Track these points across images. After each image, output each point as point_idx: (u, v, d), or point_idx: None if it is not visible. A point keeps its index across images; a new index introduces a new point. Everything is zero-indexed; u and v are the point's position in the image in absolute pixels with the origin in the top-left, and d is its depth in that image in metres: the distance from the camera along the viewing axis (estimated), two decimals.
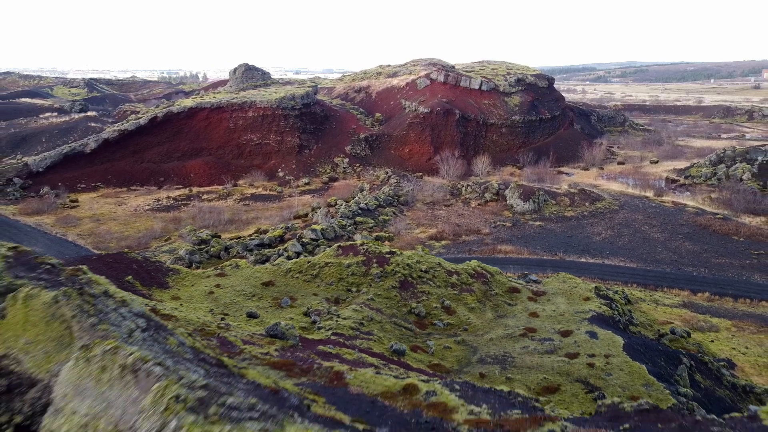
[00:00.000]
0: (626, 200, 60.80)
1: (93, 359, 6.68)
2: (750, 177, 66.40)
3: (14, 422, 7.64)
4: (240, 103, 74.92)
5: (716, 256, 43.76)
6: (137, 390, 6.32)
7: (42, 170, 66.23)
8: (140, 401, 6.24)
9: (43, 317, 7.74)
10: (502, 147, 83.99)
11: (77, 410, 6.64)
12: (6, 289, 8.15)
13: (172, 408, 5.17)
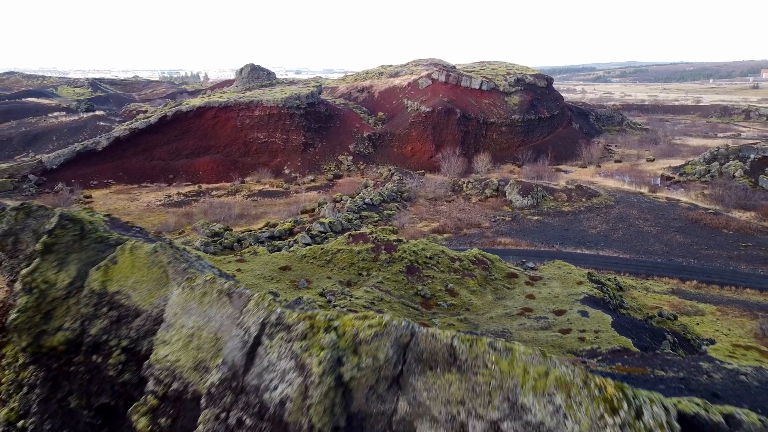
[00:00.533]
0: (622, 196, 63.10)
1: (196, 287, 8.96)
2: (742, 174, 68.68)
3: (121, 345, 9.94)
4: (247, 103, 77.21)
5: (706, 248, 46.05)
6: (232, 307, 8.59)
7: (56, 167, 68.51)
8: (236, 315, 8.50)
9: (146, 263, 10.03)
10: (501, 145, 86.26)
11: (185, 324, 8.88)
12: (115, 242, 10.46)
13: (273, 305, 7.40)
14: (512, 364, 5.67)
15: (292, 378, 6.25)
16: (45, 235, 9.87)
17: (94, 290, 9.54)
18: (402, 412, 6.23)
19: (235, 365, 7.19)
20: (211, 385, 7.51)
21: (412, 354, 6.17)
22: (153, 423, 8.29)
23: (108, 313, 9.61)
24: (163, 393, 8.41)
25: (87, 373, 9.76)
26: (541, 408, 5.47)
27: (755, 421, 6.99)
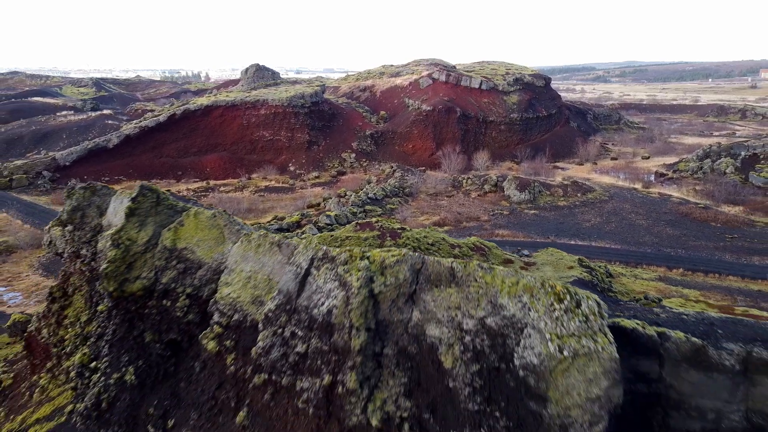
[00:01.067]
0: (616, 192, 65.53)
1: (252, 240, 11.51)
2: (733, 170, 71.10)
3: (186, 292, 12.49)
4: (253, 102, 79.63)
5: (693, 239, 48.50)
6: (281, 255, 11.11)
7: (68, 164, 70.96)
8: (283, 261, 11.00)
9: (207, 225, 12.55)
10: (500, 143, 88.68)
11: (243, 269, 11.45)
12: (181, 209, 12.94)
13: (319, 246, 9.89)
14: (494, 278, 8.17)
15: (336, 293, 8.75)
16: (129, 201, 12.33)
17: (166, 247, 12.04)
18: (415, 320, 8.72)
19: (289, 293, 9.70)
20: (268, 311, 9.99)
21: (423, 276, 8.69)
22: (220, 345, 10.76)
23: (176, 265, 12.11)
24: (227, 323, 10.89)
25: (158, 315, 12.24)
26: (513, 305, 7.96)
27: (681, 337, 9.68)
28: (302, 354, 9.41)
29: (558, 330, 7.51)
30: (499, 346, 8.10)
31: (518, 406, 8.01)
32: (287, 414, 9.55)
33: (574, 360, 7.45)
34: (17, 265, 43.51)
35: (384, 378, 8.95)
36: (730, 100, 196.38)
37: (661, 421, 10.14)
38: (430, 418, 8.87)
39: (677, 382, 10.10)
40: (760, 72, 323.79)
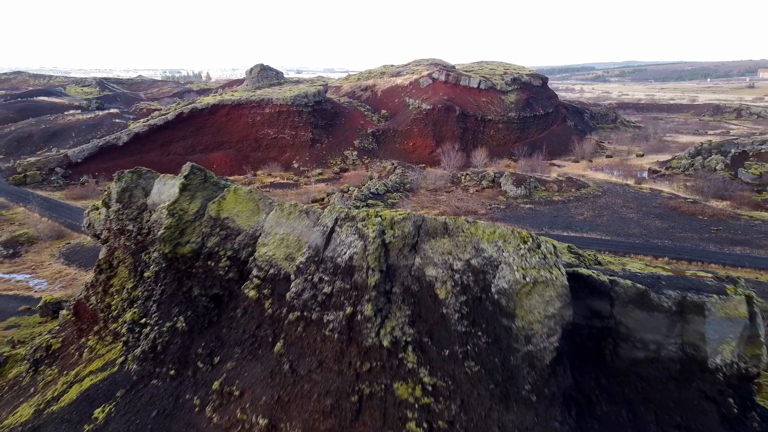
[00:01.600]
0: (609, 187, 68.17)
1: (284, 209, 14.16)
2: (723, 167, 73.73)
3: (227, 254, 15.14)
4: (258, 101, 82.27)
5: (680, 231, 51.14)
6: (309, 220, 13.76)
7: (80, 161, 73.58)
8: (310, 225, 13.62)
9: (245, 198, 15.19)
10: (498, 141, 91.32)
11: (277, 232, 14.11)
12: (223, 186, 15.56)
13: (341, 209, 12.51)
14: (477, 229, 10.85)
15: (356, 243, 11.42)
16: (182, 178, 14.95)
17: (211, 216, 14.70)
18: (417, 264, 11.41)
19: (317, 247, 12.38)
20: (299, 263, 12.68)
21: (423, 230, 11.38)
22: (259, 293, 13.47)
23: (220, 232, 14.80)
24: (264, 276, 13.59)
25: (204, 273, 14.95)
26: (491, 248, 10.67)
27: (628, 283, 12.44)
28: (328, 294, 12.03)
29: (523, 264, 10.11)
30: (480, 280, 10.72)
31: (495, 324, 10.65)
32: (316, 341, 12.19)
33: (535, 285, 10.07)
34: (39, 254, 46.12)
35: (392, 310, 11.59)
36: (728, 100, 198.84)
37: (612, 350, 12.78)
38: (428, 341, 11.52)
39: (625, 319, 12.74)
40: (758, 72, 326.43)
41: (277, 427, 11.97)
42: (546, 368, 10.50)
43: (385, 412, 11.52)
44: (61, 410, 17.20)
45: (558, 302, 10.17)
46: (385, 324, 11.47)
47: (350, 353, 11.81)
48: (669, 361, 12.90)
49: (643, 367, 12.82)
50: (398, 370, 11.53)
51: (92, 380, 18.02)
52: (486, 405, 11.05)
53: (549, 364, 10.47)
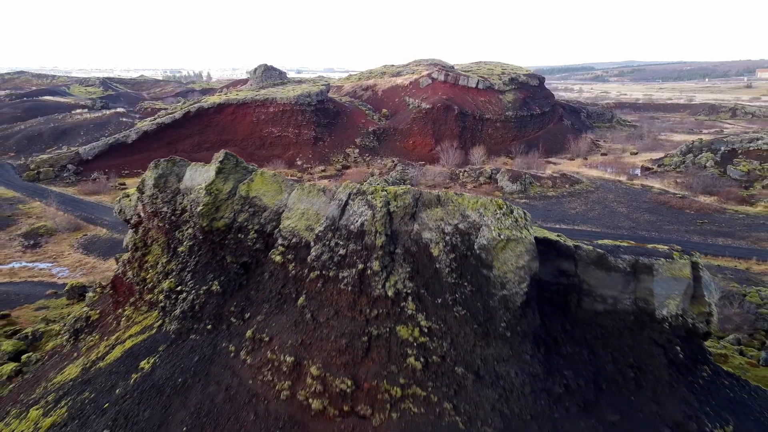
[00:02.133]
0: (602, 183, 70.94)
1: (305, 188, 16.92)
2: (713, 164, 76.51)
3: (255, 228, 17.88)
4: (262, 100, 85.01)
5: (667, 224, 53.90)
6: (325, 197, 16.51)
7: (91, 158, 76.32)
8: (327, 201, 16.37)
9: (270, 181, 17.94)
10: (496, 140, 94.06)
11: (299, 208, 16.86)
12: (252, 170, 18.30)
13: (353, 186, 15.23)
14: (463, 199, 13.62)
15: (366, 212, 14.16)
16: (218, 163, 17.67)
17: (241, 195, 17.45)
18: (416, 229, 14.17)
19: (333, 218, 15.14)
20: (318, 232, 15.44)
21: (420, 201, 14.14)
22: (283, 258, 16.24)
23: (248, 209, 17.56)
24: (288, 244, 16.34)
25: (235, 244, 17.71)
26: (474, 214, 13.44)
27: (590, 248, 15.30)
28: (343, 255, 14.76)
29: (499, 225, 12.82)
30: (466, 240, 13.45)
31: (477, 275, 13.39)
32: (333, 294, 14.92)
33: (508, 242, 12.80)
34: (59, 245, 48.85)
35: (396, 267, 14.33)
36: (725, 100, 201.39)
37: (576, 303, 15.52)
38: (424, 292, 14.27)
39: (587, 277, 15.48)
40: (756, 72, 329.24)
41: (301, 363, 14.71)
42: (518, 309, 13.25)
43: (390, 349, 14.27)
44: (107, 366, 19.92)
45: (527, 256, 12.90)
46: (390, 278, 14.21)
47: (361, 302, 14.55)
48: (624, 312, 15.64)
49: (602, 317, 15.57)
50: (400, 316, 14.28)
51: (133, 341, 20.75)
52: (471, 341, 13.81)
53: (520, 306, 13.22)
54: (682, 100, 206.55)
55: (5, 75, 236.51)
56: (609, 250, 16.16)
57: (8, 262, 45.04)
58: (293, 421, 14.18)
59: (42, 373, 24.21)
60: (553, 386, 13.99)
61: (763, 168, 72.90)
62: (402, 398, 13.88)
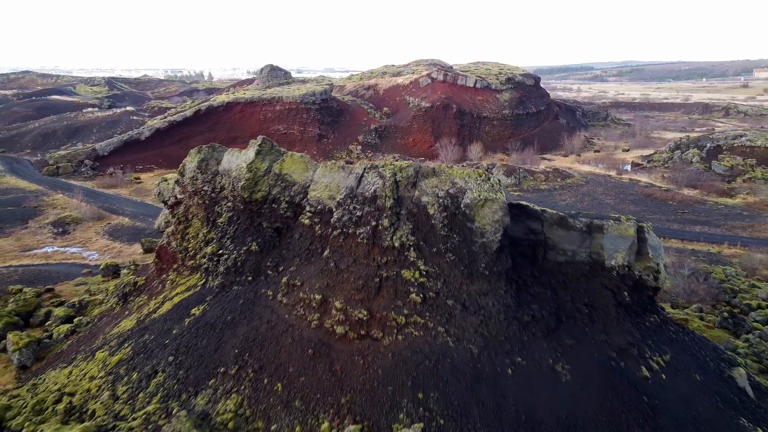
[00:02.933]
0: (592, 178, 75.21)
1: (327, 165, 21.32)
2: (699, 160, 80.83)
3: (286, 199, 22.30)
4: (269, 99, 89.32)
5: (650, 214, 58.16)
6: (344, 173, 20.94)
7: (106, 154, 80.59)
8: (346, 176, 20.74)
9: (298, 160, 22.27)
10: (493, 137, 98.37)
11: (323, 181, 21.28)
12: (283, 152, 22.59)
13: (367, 163, 19.49)
14: (453, 170, 18.02)
15: (378, 182, 18.46)
16: (257, 146, 21.92)
17: (275, 173, 21.72)
18: (416, 195, 18.53)
19: (352, 188, 19.43)
20: (339, 199, 19.77)
21: (420, 173, 18.47)
22: (311, 221, 20.54)
23: (281, 184, 21.84)
24: (314, 210, 20.63)
25: (269, 212, 22.01)
26: (461, 181, 17.89)
27: (553, 211, 19.84)
28: (360, 216, 19.02)
29: (479, 188, 17.09)
30: (454, 201, 17.72)
31: (463, 228, 17.67)
32: (351, 247, 19.18)
33: (486, 201, 17.07)
34: (86, 232, 53.09)
35: (401, 224, 18.60)
36: (720, 99, 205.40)
37: (543, 255, 19.79)
38: (423, 244, 18.54)
39: (551, 235, 19.75)
40: (753, 71, 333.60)
41: (327, 300, 18.98)
42: (494, 253, 17.53)
43: (396, 288, 18.55)
44: (161, 316, 24.17)
45: (500, 212, 17.18)
46: (396, 233, 18.49)
47: (374, 252, 18.82)
48: (580, 263, 19.92)
49: (563, 266, 19.86)
50: (404, 262, 18.56)
51: (181, 297, 25.00)
52: (459, 280, 18.10)
53: (495, 251, 17.50)
54: (678, 100, 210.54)
55: (10, 75, 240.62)
56: (569, 215, 20.45)
57: (42, 246, 49.28)
58: (321, 342, 18.46)
59: (97, 330, 28.48)
60: (522, 316, 18.27)
61: (746, 163, 77.23)
62: (405, 325, 18.15)
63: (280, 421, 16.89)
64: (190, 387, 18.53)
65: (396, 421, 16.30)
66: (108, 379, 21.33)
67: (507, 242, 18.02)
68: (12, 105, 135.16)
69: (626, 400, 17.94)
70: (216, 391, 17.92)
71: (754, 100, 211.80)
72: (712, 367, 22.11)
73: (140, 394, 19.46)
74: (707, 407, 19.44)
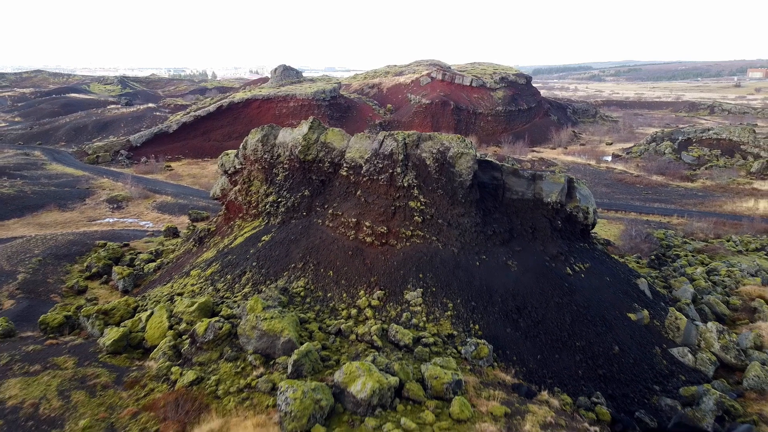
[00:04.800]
0: (574, 166, 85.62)
1: (359, 136, 32.08)
2: (671, 151, 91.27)
3: (327, 160, 33.02)
4: (284, 96, 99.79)
5: (618, 194, 68.59)
6: (370, 141, 31.63)
7: (139, 145, 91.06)
8: (371, 142, 31.37)
9: (337, 133, 33.01)
10: (488, 131, 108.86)
11: (355, 146, 32.06)
12: (324, 127, 33.14)
13: (385, 132, 29.91)
14: (442, 136, 28.80)
15: (393, 144, 29.10)
16: (309, 123, 32.36)
17: (321, 141, 32.24)
18: (419, 152, 29.34)
19: (375, 149, 30.19)
20: (367, 157, 30.58)
21: (421, 138, 29.16)
22: (347, 173, 31.30)
23: (324, 149, 32.43)
24: (349, 166, 31.39)
25: (317, 169, 32.59)
26: (447, 143, 28.70)
27: (509, 165, 30.88)
28: (380, 167, 29.38)
29: (458, 146, 27.42)
30: (443, 155, 28.09)
31: (449, 171, 28.10)
32: (375, 187, 29.57)
33: (462, 155, 27.44)
34: (137, 207, 63.50)
35: (408, 171, 29.01)
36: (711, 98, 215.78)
37: (502, 194, 30.22)
38: (422, 183, 29.03)
39: (507, 180, 30.17)
40: (747, 71, 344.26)
41: (359, 222, 29.36)
42: (467, 188, 27.92)
43: (405, 213, 28.98)
44: (237, 246, 34.51)
45: (471, 161, 27.58)
46: (405, 177, 28.89)
47: (390, 190, 29.22)
48: (527, 200, 30.30)
49: (515, 202, 30.28)
50: (410, 196, 28.97)
51: (250, 233, 35.34)
52: (445, 207, 28.52)
53: (468, 186, 27.89)
54: (669, 99, 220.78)
55: (23, 74, 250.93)
56: (519, 168, 30.87)
57: (103, 218, 59.70)
58: (357, 248, 28.87)
59: (181, 263, 38.83)
60: (487, 230, 28.68)
61: (711, 154, 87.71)
62: (411, 236, 28.55)
63: (333, 292, 27.30)
64: (271, 277, 28.93)
65: (405, 289, 26.69)
66: (207, 282, 31.67)
67: (476, 183, 28.45)
68: (38, 102, 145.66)
69: (552, 283, 28.35)
70: (290, 277, 28.32)
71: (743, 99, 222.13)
72: (622, 276, 32.59)
73: (236, 285, 29.82)
74: (610, 294, 29.90)
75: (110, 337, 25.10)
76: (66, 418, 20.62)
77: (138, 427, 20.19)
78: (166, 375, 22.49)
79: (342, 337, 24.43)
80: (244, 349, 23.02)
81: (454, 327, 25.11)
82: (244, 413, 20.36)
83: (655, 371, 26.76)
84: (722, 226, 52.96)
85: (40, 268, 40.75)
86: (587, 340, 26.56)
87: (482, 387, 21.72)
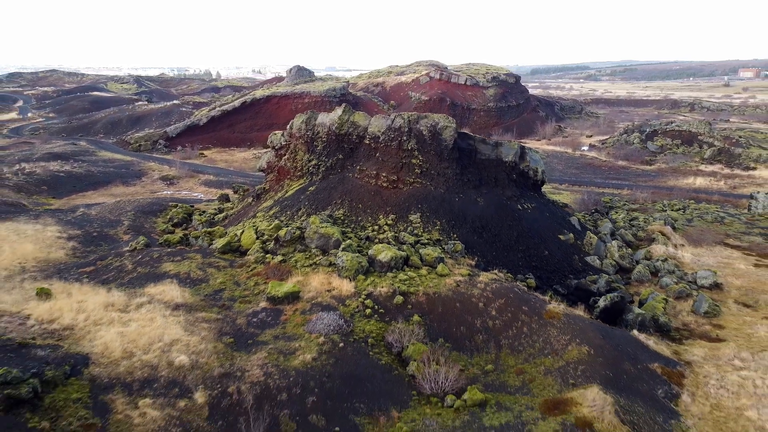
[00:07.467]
0: (553, 154, 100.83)
1: (377, 116, 47.66)
2: (638, 141, 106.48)
3: (354, 134, 48.53)
4: (299, 93, 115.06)
5: (585, 174, 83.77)
6: (384, 119, 47.16)
7: (174, 136, 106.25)
8: (386, 120, 46.84)
9: (362, 114, 48.76)
10: (480, 125, 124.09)
11: (375, 124, 47.41)
12: (353, 111, 48.47)
13: (397, 114, 44.96)
14: (434, 115, 44.36)
15: (402, 121, 44.70)
16: (342, 107, 47.62)
17: (351, 120, 47.71)
18: (419, 126, 44.99)
19: (389, 125, 45.78)
20: (383, 131, 46.45)
21: (420, 117, 44.69)
22: (370, 141, 46.92)
23: (352, 125, 48.11)
24: (372, 137, 46.97)
25: (347, 139, 48.27)
26: (437, 120, 44.30)
27: (479, 136, 46.82)
28: (392, 137, 44.46)
29: (444, 121, 42.49)
30: (434, 129, 43.22)
31: (438, 138, 43.33)
32: (388, 150, 44.72)
33: (446, 127, 42.57)
34: (188, 183, 78.56)
35: (411, 139, 44.17)
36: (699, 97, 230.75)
37: (474, 156, 45.48)
38: (421, 147, 44.35)
39: (478, 146, 45.41)
40: (738, 71, 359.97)
41: (378, 173, 44.54)
42: (450, 150, 43.08)
43: (409, 167, 44.28)
44: (289, 196, 49.56)
45: (453, 131, 42.72)
46: (409, 142, 44.07)
47: (399, 152, 44.43)
48: (492, 160, 45.47)
49: (484, 161, 45.53)
50: (412, 156, 44.21)
51: (297, 187, 50.42)
52: (436, 162, 43.81)
53: (450, 149, 43.07)
54: (658, 97, 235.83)
55: (39, 73, 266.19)
56: (487, 139, 46.04)
57: (162, 191, 74.72)
58: (377, 190, 44.07)
59: (244, 213, 53.86)
60: (463, 179, 43.87)
61: (673, 143, 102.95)
62: (413, 182, 43.74)
63: (362, 216, 42.43)
64: (320, 210, 44.06)
65: (409, 213, 41.79)
66: (272, 218, 46.70)
67: (457, 146, 43.61)
68: (68, 99, 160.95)
69: (507, 213, 43.49)
70: (333, 209, 43.44)
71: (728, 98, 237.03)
72: (559, 214, 47.81)
73: (295, 216, 44.86)
74: (547, 223, 45.11)
75: (220, 242, 40.45)
76: (208, 279, 35.80)
77: (253, 281, 35.40)
78: (262, 259, 37.70)
79: (369, 240, 39.56)
80: (309, 247, 38.18)
81: (440, 235, 40.28)
82: (314, 274, 35.41)
83: (572, 268, 41.97)
84: (659, 194, 68.15)
85: (136, 218, 55.78)
86: (527, 246, 41.76)
87: (456, 265, 36.92)
